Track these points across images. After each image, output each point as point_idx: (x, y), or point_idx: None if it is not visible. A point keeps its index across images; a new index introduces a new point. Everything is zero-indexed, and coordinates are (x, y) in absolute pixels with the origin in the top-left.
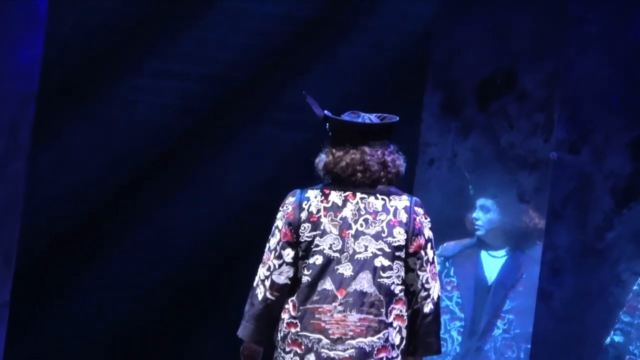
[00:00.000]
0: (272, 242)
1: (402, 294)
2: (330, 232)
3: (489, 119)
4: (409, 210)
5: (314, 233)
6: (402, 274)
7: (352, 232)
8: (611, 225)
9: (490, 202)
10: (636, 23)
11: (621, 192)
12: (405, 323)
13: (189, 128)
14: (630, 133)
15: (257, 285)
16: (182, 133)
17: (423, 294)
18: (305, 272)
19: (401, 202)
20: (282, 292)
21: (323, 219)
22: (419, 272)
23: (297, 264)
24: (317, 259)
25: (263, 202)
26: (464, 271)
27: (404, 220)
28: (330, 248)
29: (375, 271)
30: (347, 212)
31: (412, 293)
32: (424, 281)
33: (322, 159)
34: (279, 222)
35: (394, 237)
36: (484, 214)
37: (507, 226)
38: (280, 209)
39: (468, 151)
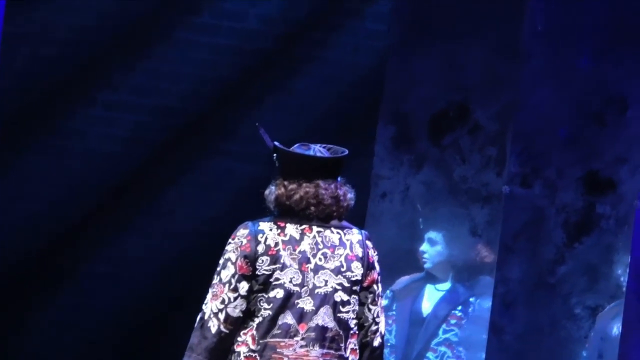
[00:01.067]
0: (225, 274)
1: (356, 327)
2: (290, 265)
3: (441, 152)
4: (362, 244)
5: (274, 266)
6: (357, 308)
7: (312, 266)
8: (563, 259)
9: (438, 235)
10: (585, 56)
11: (573, 226)
12: (357, 357)
13: (141, 159)
14: (582, 167)
15: (209, 318)
16: (134, 164)
17: (373, 327)
18: (266, 305)
19: (354, 235)
20: (235, 325)
21: (282, 252)
22: (371, 306)
23: (249, 297)
24: (278, 293)
25: (215, 235)
26: (403, 304)
27: (360, 254)
28: (290, 282)
29: (335, 306)
30: (305, 245)
31: (362, 327)
32: (375, 315)
33: (272, 191)
34: (232, 255)
35: (352, 272)
36: (431, 247)
37: (458, 260)
38: (231, 241)
39: (420, 184)
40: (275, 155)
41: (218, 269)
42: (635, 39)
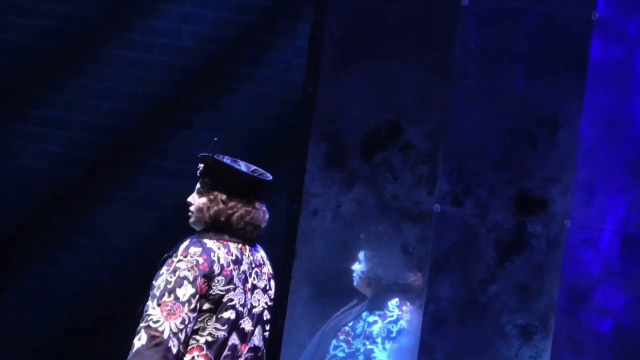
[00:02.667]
0: (182, 293)
1: None
2: (238, 285)
3: (373, 170)
4: (268, 261)
5: (228, 287)
6: None
7: (249, 285)
8: (494, 277)
9: (369, 253)
10: (518, 76)
11: (504, 244)
12: None
13: (73, 176)
14: (513, 187)
15: (169, 337)
16: (66, 181)
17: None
18: (219, 326)
19: (263, 252)
20: (187, 345)
21: (233, 272)
22: (269, 324)
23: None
24: (231, 314)
25: (146, 252)
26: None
27: (272, 272)
28: (239, 302)
29: (263, 325)
30: (245, 265)
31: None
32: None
33: (208, 205)
34: (188, 273)
35: (272, 290)
36: (362, 265)
37: (389, 278)
38: (183, 258)
39: (352, 202)
40: (212, 167)
41: (169, 286)
42: (567, 60)
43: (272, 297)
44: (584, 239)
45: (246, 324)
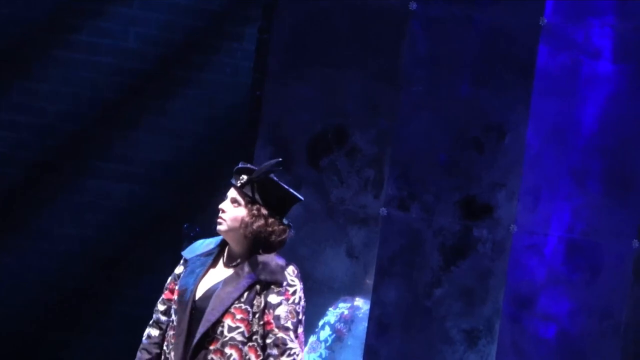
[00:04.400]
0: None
1: None
2: None
3: (319, 174)
4: None
5: None
6: None
7: None
8: (439, 282)
9: (314, 256)
10: (465, 83)
11: (449, 249)
12: None
13: (19, 178)
14: (459, 192)
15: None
16: (10, 183)
17: None
18: None
19: None
20: None
21: None
22: None
23: None
24: None
25: (89, 255)
26: None
27: None
28: None
29: None
30: None
31: None
32: None
33: (250, 220)
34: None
35: None
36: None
37: (335, 282)
38: (299, 284)
39: (298, 206)
40: (263, 184)
41: (299, 317)
42: (514, 67)
43: None
44: (529, 245)
45: None
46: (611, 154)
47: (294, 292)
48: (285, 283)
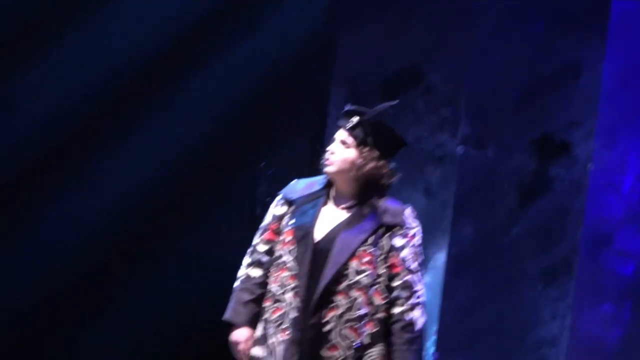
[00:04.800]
0: None
1: None
2: None
3: (395, 113)
4: None
5: None
6: None
7: None
8: (516, 220)
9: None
10: (541, 20)
11: (526, 187)
12: None
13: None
14: (535, 130)
15: None
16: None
17: None
18: None
19: None
20: None
21: None
22: None
23: None
24: None
25: (165, 192)
26: None
27: None
28: None
29: None
30: None
31: None
32: None
33: (362, 161)
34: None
35: None
36: None
37: None
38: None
39: None
40: (375, 127)
41: (420, 258)
42: (591, 5)
43: None
44: (606, 183)
45: None
46: None
47: (415, 234)
48: (406, 225)
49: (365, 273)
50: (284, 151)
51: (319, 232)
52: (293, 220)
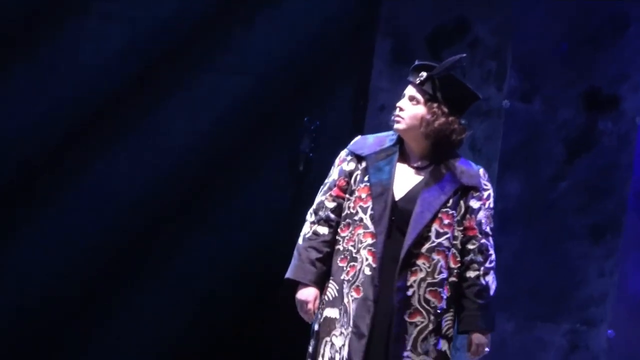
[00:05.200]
0: None
1: None
2: None
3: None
4: None
5: None
6: None
7: None
8: (563, 175)
9: None
10: None
11: (573, 142)
12: None
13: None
14: (582, 84)
15: None
16: (125, 79)
17: None
18: None
19: None
20: None
21: None
22: None
23: None
24: None
25: (205, 153)
26: None
27: None
28: None
29: None
30: None
31: None
32: None
33: (431, 118)
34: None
35: None
36: None
37: None
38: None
39: None
40: (443, 81)
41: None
42: None
43: None
44: None
45: None
46: None
47: (489, 196)
48: (482, 187)
49: (446, 235)
50: (328, 105)
51: (398, 190)
52: (368, 177)
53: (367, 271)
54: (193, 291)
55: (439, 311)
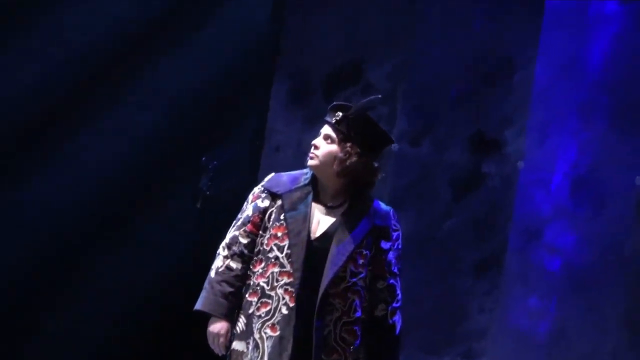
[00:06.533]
0: None
1: None
2: None
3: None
4: None
5: None
6: None
7: None
8: (449, 214)
9: None
10: (478, 18)
11: (459, 183)
12: None
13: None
14: (469, 127)
15: None
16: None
17: None
18: None
19: None
20: None
21: None
22: None
23: None
24: None
25: (112, 182)
26: None
27: None
28: None
29: None
30: None
31: None
32: None
33: (343, 157)
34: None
35: None
36: None
37: None
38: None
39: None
40: (358, 122)
41: (400, 259)
42: (526, 3)
43: None
44: (536, 179)
45: None
46: (617, 90)
47: (398, 237)
48: (392, 228)
49: (361, 275)
50: (226, 144)
51: (313, 229)
52: (284, 215)
53: (284, 310)
54: (100, 316)
55: (353, 348)
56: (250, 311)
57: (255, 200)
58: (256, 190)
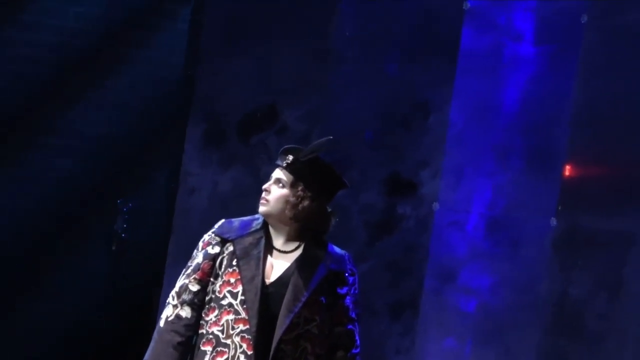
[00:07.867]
0: None
1: None
2: None
3: (250, 151)
4: None
5: None
6: None
7: None
8: (364, 257)
9: None
10: (393, 62)
11: (374, 225)
12: None
13: None
14: (385, 169)
15: None
16: None
17: None
18: None
19: None
20: None
21: None
22: None
23: None
24: None
25: (28, 227)
26: None
27: None
28: None
29: None
30: None
31: None
32: None
33: (295, 201)
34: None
35: None
36: None
37: None
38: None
39: (229, 181)
40: (310, 165)
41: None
42: (440, 48)
43: None
44: (451, 221)
45: None
46: (532, 132)
47: (354, 281)
48: (348, 272)
49: (315, 322)
50: (142, 187)
51: (267, 275)
52: (236, 261)
53: (242, 358)
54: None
55: None
56: None
57: (206, 247)
58: (206, 237)
